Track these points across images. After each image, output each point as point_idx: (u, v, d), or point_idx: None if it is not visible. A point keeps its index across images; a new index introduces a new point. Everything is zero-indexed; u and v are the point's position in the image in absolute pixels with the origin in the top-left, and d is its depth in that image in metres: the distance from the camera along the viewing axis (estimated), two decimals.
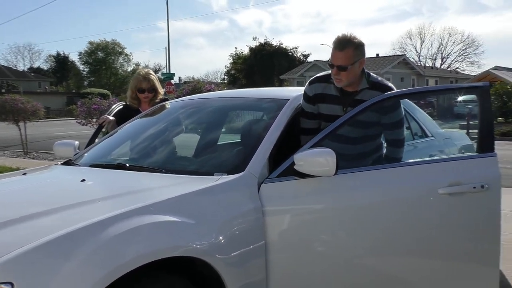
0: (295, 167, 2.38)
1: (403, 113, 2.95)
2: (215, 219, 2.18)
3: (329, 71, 2.82)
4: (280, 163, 2.49)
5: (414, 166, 2.70)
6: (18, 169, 10.29)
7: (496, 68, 37.27)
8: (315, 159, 2.34)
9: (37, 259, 1.67)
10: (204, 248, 2.05)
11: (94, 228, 1.82)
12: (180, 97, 10.62)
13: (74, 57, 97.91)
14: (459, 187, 2.56)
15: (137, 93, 4.07)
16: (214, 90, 10.15)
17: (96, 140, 3.72)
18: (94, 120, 12.58)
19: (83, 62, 69.55)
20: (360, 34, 2.76)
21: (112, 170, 2.82)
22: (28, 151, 14.35)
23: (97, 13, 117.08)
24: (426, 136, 4.07)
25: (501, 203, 2.65)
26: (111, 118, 4.06)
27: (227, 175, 2.42)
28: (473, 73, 53.71)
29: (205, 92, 10.17)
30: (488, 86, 2.80)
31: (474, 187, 2.54)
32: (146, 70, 4.26)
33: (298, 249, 2.44)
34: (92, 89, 53.96)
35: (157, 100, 4.18)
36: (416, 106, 4.36)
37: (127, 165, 2.81)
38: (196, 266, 2.12)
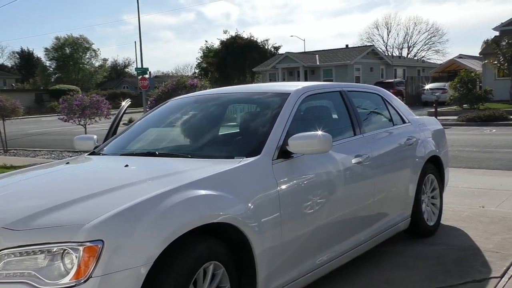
0: (287, 148, 2.94)
1: None
2: (243, 193, 2.64)
3: None
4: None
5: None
6: (4, 165, 10.37)
7: (461, 56, 38.63)
8: (302, 141, 2.90)
9: (118, 222, 2.10)
10: (238, 216, 2.52)
11: (155, 200, 2.27)
12: (165, 91, 11.03)
13: (39, 53, 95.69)
14: None
15: None
16: (197, 84, 10.53)
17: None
18: (77, 116, 12.76)
19: (49, 58, 68.23)
20: (328, 25, 3.33)
21: (145, 157, 3.22)
22: (8, 148, 14.38)
23: (59, 9, 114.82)
24: (404, 122, 4.60)
25: None
26: None
27: (246, 157, 2.88)
28: (439, 62, 55.37)
29: (188, 86, 10.56)
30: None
31: None
32: None
33: (299, 213, 2.96)
34: (61, 86, 53.06)
35: None
36: (393, 95, 4.90)
37: (157, 152, 3.23)
38: (227, 232, 2.57)
